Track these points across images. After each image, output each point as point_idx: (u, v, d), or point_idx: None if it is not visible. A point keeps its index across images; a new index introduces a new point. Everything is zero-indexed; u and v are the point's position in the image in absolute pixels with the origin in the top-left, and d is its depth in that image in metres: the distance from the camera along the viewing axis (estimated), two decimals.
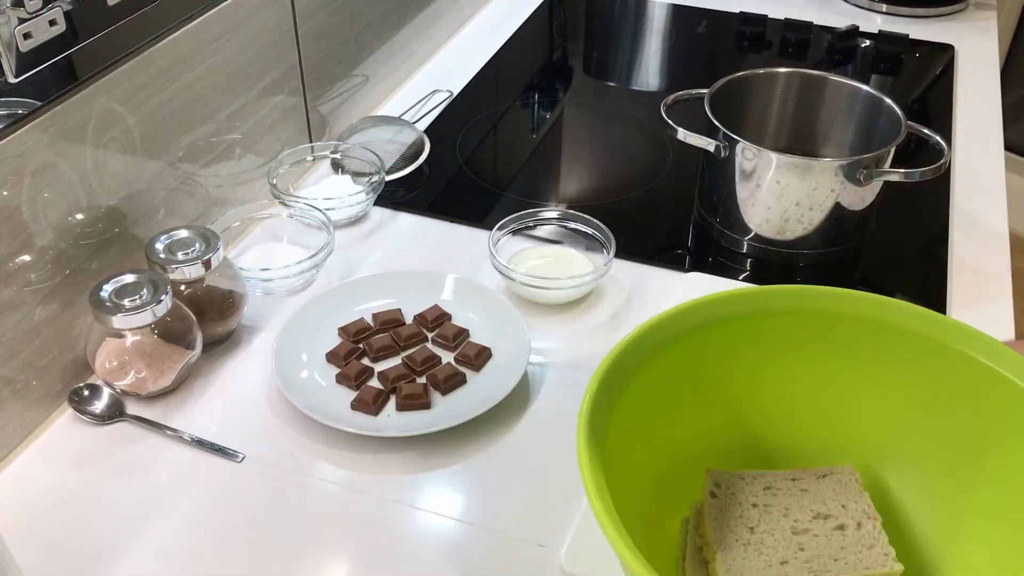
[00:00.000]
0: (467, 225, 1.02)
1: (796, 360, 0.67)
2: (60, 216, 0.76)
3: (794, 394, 0.68)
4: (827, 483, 0.65)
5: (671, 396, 0.65)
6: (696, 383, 0.66)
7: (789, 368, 0.67)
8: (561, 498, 0.72)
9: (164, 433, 0.77)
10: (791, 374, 0.67)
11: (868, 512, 0.63)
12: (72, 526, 0.70)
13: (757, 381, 0.67)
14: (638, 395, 0.61)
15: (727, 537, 0.61)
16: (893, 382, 0.66)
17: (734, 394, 0.68)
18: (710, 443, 0.68)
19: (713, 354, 0.66)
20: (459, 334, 0.85)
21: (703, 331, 0.65)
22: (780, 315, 0.66)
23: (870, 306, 0.65)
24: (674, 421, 0.66)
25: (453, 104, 1.24)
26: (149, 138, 0.84)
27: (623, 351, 0.60)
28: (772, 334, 0.66)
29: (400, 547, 0.69)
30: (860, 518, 0.62)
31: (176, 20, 0.84)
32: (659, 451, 0.65)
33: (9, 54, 0.69)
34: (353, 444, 0.77)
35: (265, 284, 0.91)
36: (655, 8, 1.54)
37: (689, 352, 0.65)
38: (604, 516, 0.50)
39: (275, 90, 1.01)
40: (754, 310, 0.66)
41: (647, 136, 1.20)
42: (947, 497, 0.64)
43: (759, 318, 0.66)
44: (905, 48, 1.38)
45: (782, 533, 0.62)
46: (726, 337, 0.66)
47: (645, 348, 0.62)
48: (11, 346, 0.74)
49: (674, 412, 0.66)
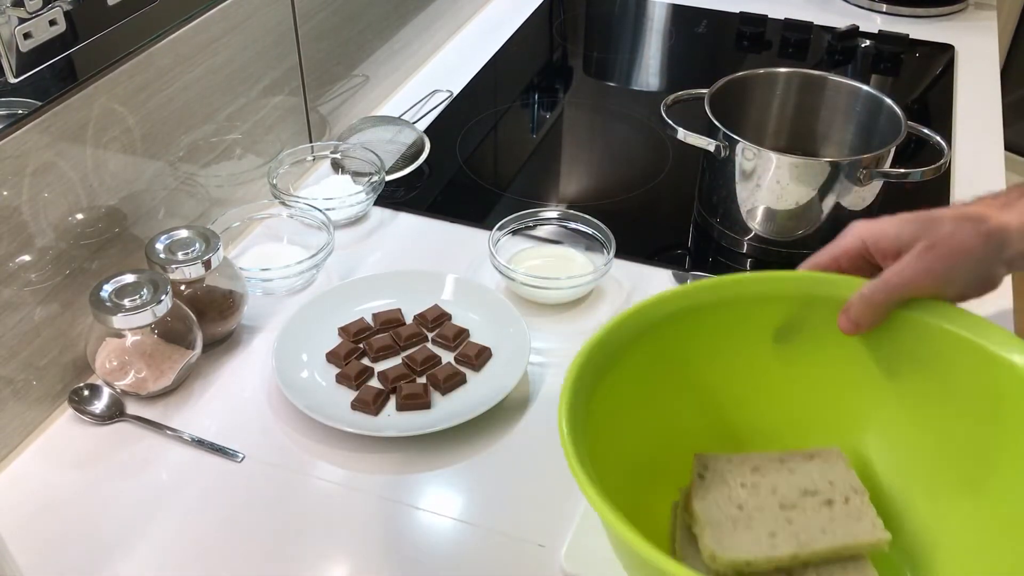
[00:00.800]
0: (467, 225, 1.02)
1: (778, 344, 0.68)
2: (60, 216, 0.76)
3: (778, 378, 0.69)
4: (814, 463, 0.66)
5: (654, 382, 0.66)
6: (680, 369, 0.67)
7: (771, 352, 0.68)
8: (561, 498, 0.72)
9: (164, 433, 0.77)
10: (774, 358, 0.68)
11: (855, 487, 0.63)
12: (72, 526, 0.70)
13: (741, 366, 0.68)
14: (620, 382, 0.62)
15: (716, 515, 0.62)
16: (874, 362, 0.67)
17: (719, 380, 0.68)
18: (697, 429, 0.69)
19: (696, 340, 0.67)
20: (459, 334, 0.85)
21: (686, 317, 0.66)
22: (760, 301, 0.67)
23: (849, 287, 0.65)
24: (659, 407, 0.66)
25: (453, 104, 1.24)
26: (149, 138, 0.84)
27: (604, 337, 0.62)
28: (754, 319, 0.67)
29: (400, 547, 0.69)
30: (848, 493, 0.63)
31: (176, 20, 0.84)
32: (645, 437, 0.65)
33: (9, 54, 0.69)
34: (353, 444, 0.77)
35: (265, 284, 0.91)
36: (655, 8, 1.54)
37: (671, 338, 0.66)
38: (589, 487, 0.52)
39: (275, 90, 1.01)
40: (734, 296, 0.67)
41: (647, 136, 1.20)
42: (932, 472, 0.65)
43: (740, 304, 0.67)
44: (905, 48, 1.38)
45: (770, 510, 0.62)
46: (708, 324, 0.67)
47: (625, 335, 0.63)
48: (11, 346, 0.74)
49: (659, 398, 0.66)
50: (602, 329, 0.62)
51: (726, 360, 0.68)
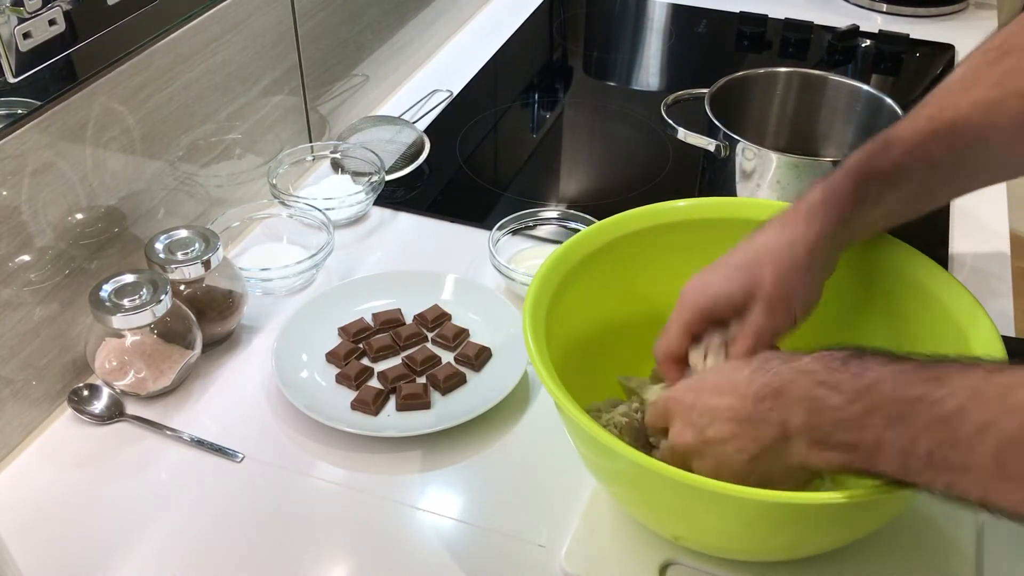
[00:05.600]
0: (467, 225, 1.02)
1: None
2: (60, 216, 0.76)
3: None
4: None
5: (606, 294, 0.75)
6: (629, 281, 0.76)
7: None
8: (561, 498, 0.72)
9: (164, 433, 0.77)
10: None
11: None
12: (72, 526, 0.70)
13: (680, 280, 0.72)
14: (579, 292, 0.72)
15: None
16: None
17: (662, 291, 0.72)
18: (642, 331, 0.72)
19: (641, 258, 0.76)
20: (459, 334, 0.85)
21: (642, 236, 0.76)
22: (694, 224, 0.76)
23: (767, 209, 0.69)
24: (610, 313, 0.75)
25: (453, 104, 1.24)
26: (149, 138, 0.84)
27: (564, 252, 0.72)
28: (700, 240, 0.75)
29: (400, 547, 0.69)
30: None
31: (176, 20, 0.84)
32: (596, 337, 0.74)
33: (9, 54, 0.68)
34: (353, 444, 0.77)
35: (265, 284, 0.91)
36: (655, 8, 1.54)
37: (626, 257, 0.75)
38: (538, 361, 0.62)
39: (275, 90, 1.01)
40: (674, 221, 0.77)
41: (647, 136, 1.20)
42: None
43: (686, 227, 0.77)
44: (905, 48, 1.38)
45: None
46: (659, 243, 0.76)
47: (585, 251, 0.73)
48: (11, 346, 0.74)
49: (610, 305, 0.75)
50: (564, 244, 0.73)
51: (668, 275, 0.73)
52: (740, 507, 0.57)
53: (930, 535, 0.69)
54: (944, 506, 0.51)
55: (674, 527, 0.64)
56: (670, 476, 0.56)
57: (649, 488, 0.61)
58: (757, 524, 0.60)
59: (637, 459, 0.56)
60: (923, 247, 0.71)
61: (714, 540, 0.64)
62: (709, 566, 0.66)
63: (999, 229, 1.01)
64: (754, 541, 0.63)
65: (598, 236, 0.75)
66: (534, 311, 0.67)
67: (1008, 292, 0.91)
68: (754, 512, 0.57)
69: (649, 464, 0.56)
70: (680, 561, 0.66)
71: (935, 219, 1.03)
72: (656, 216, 0.77)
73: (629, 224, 0.76)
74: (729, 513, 0.59)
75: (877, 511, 0.60)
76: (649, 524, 0.67)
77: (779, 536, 0.61)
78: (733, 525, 0.60)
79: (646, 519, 0.67)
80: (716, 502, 0.57)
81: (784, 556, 0.65)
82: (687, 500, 0.59)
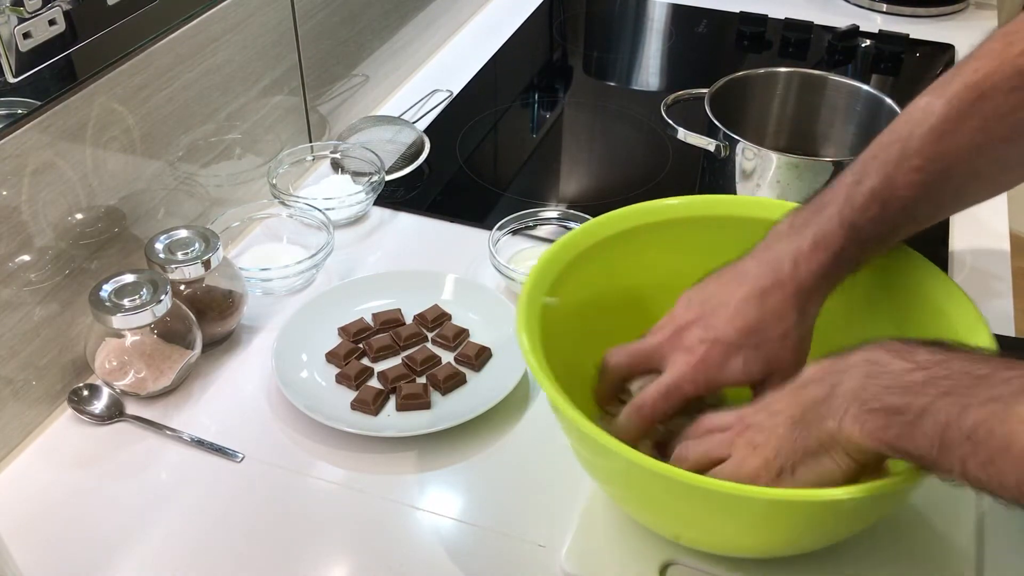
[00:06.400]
0: (467, 225, 1.02)
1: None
2: (60, 216, 0.76)
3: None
4: None
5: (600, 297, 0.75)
6: (624, 284, 0.76)
7: (701, 267, 0.71)
8: (561, 498, 0.72)
9: (164, 433, 0.77)
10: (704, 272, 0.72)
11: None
12: (72, 526, 0.70)
13: (675, 279, 0.72)
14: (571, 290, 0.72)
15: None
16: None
17: (655, 289, 0.74)
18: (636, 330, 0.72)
19: (635, 256, 0.76)
20: (459, 334, 0.85)
21: (636, 234, 0.76)
22: (687, 222, 0.77)
23: (777, 210, 0.70)
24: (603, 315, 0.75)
25: (453, 104, 1.24)
26: (149, 138, 0.84)
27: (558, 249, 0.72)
28: (694, 237, 0.76)
29: (400, 547, 0.69)
30: None
31: (176, 20, 0.84)
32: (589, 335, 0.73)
33: (9, 54, 0.68)
34: (353, 444, 0.77)
35: (265, 284, 0.91)
36: (655, 8, 1.54)
37: (620, 255, 0.75)
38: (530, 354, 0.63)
39: (275, 90, 1.01)
40: (667, 219, 0.77)
41: (647, 136, 1.20)
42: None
43: (680, 224, 0.77)
44: (905, 48, 1.38)
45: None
46: (653, 240, 0.76)
47: (580, 247, 0.73)
48: (11, 346, 0.74)
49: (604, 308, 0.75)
50: (557, 243, 0.73)
51: (661, 272, 0.75)
52: (738, 505, 0.57)
53: (931, 535, 0.69)
54: (945, 506, 0.51)
55: (672, 525, 0.64)
56: (664, 473, 0.56)
57: (644, 486, 0.61)
58: (757, 522, 0.59)
59: (631, 456, 0.56)
60: (923, 247, 0.71)
61: (712, 537, 0.64)
62: (710, 566, 0.66)
63: (999, 229, 1.01)
64: (752, 537, 0.62)
65: (591, 234, 0.75)
66: (528, 309, 0.67)
67: (1008, 292, 0.91)
68: (753, 510, 0.57)
69: (643, 462, 0.56)
70: (680, 561, 0.66)
71: None
72: (650, 214, 0.77)
73: (622, 222, 0.76)
74: (727, 511, 0.59)
75: (875, 507, 0.60)
76: (646, 523, 0.67)
77: (778, 532, 0.61)
78: (731, 522, 0.60)
79: (643, 518, 0.67)
80: (712, 499, 0.57)
81: (786, 552, 0.65)
82: (683, 498, 0.59)
